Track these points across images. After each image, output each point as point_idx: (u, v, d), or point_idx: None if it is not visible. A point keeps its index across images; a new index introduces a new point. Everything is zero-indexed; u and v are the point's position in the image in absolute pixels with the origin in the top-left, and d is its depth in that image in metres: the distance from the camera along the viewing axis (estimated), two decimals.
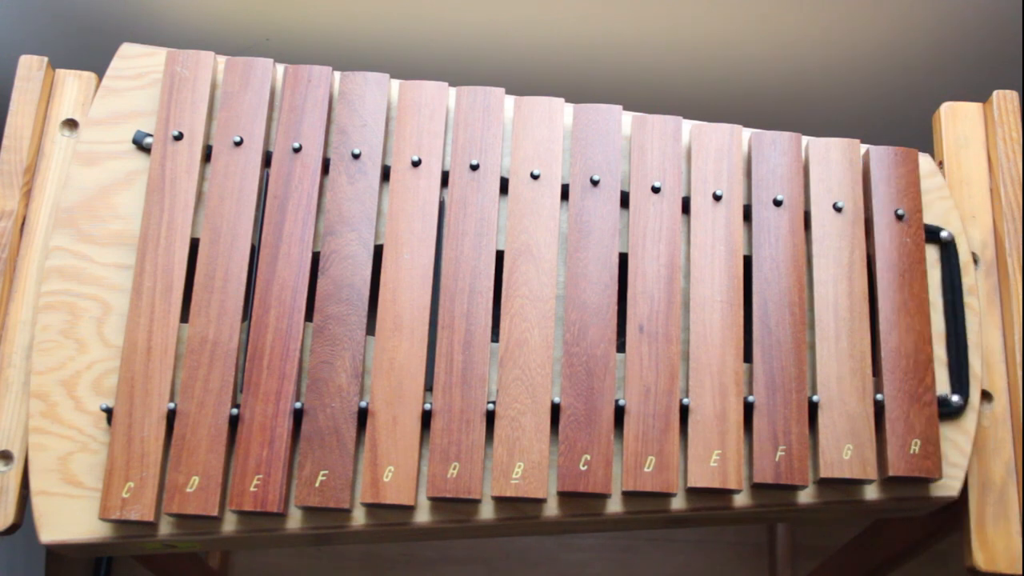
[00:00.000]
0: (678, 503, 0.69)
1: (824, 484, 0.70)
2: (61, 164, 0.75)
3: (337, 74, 0.76)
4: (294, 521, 0.67)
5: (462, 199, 0.73)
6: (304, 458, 0.66)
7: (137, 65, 0.76)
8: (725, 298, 0.71)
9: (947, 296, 0.75)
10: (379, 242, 0.72)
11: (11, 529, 0.67)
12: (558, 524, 0.69)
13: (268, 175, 0.73)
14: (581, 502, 0.68)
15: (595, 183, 0.73)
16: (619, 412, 0.69)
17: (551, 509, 0.68)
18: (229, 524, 0.67)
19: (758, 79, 1.07)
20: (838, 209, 0.74)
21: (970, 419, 0.71)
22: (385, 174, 0.74)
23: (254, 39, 1.02)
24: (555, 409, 0.68)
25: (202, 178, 0.73)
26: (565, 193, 0.74)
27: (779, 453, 0.68)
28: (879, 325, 0.72)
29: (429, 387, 0.69)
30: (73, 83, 0.77)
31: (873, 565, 0.92)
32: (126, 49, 0.76)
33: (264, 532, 0.67)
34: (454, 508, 0.68)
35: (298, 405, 0.67)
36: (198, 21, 1.00)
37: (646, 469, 0.67)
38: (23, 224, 0.73)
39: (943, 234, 0.76)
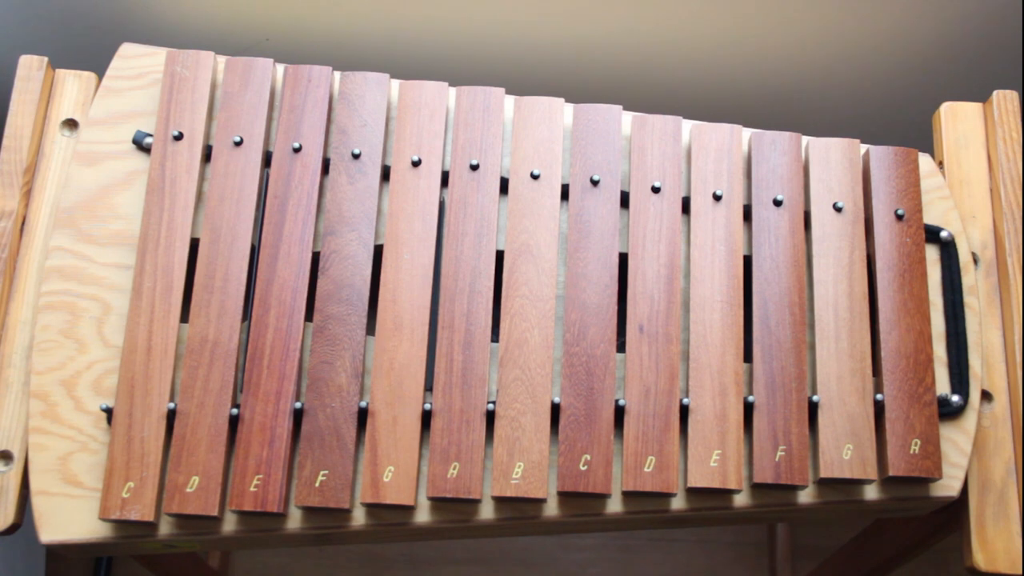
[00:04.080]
0: (678, 503, 0.69)
1: (824, 484, 0.70)
2: (61, 164, 0.75)
3: (337, 74, 0.76)
4: (294, 521, 0.67)
5: (462, 199, 0.73)
6: (304, 458, 0.66)
7: (137, 65, 0.76)
8: (725, 298, 0.71)
9: (947, 296, 0.75)
10: (379, 242, 0.72)
11: (11, 529, 0.67)
12: (558, 524, 0.69)
13: (268, 175, 0.73)
14: (581, 502, 0.68)
15: (595, 183, 0.73)
16: (619, 412, 0.69)
17: (551, 509, 0.68)
18: (229, 524, 0.67)
19: (758, 79, 1.07)
20: (838, 209, 0.74)
21: (970, 419, 0.71)
22: (385, 174, 0.74)
23: (254, 39, 1.02)
24: (555, 409, 0.68)
25: (202, 178, 0.73)
26: (565, 193, 0.74)
27: (779, 453, 0.68)
28: (879, 325, 0.72)
29: (429, 387, 0.69)
30: (73, 83, 0.77)
31: (873, 565, 0.92)
32: (126, 49, 0.76)
33: (264, 532, 0.67)
34: (454, 508, 0.68)
35: (298, 405, 0.67)
36: (198, 21, 1.00)
37: (646, 469, 0.67)
38: (23, 224, 0.73)
39: (943, 234, 0.76)
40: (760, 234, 0.73)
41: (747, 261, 0.74)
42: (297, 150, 0.73)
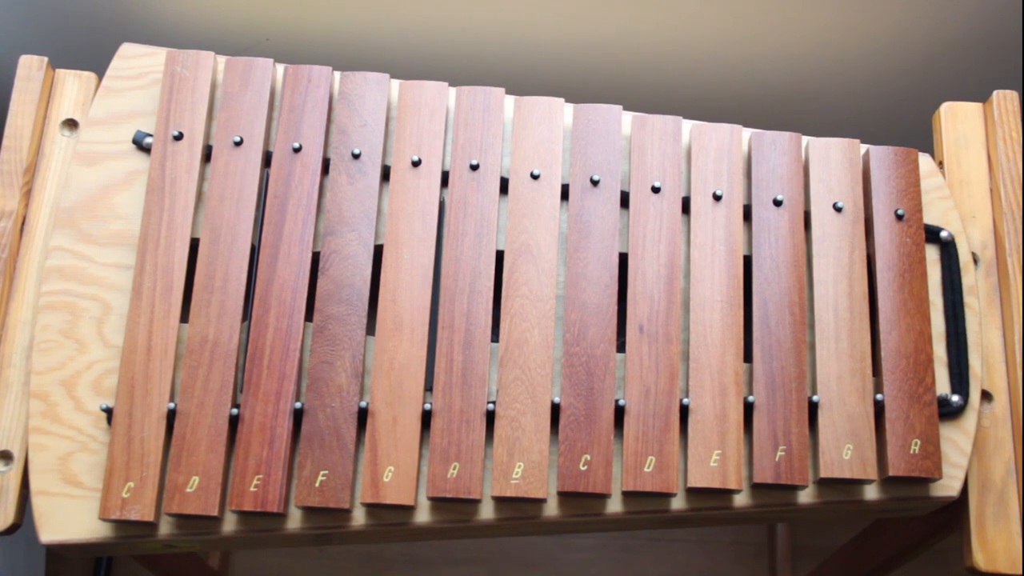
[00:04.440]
0: (678, 503, 0.69)
1: (824, 484, 0.70)
2: (61, 164, 0.75)
3: (337, 74, 0.76)
4: (294, 521, 0.67)
5: (462, 199, 0.73)
6: (304, 458, 0.66)
7: (137, 65, 0.76)
8: (725, 298, 0.71)
9: (947, 296, 0.75)
10: (379, 242, 0.72)
11: (11, 529, 0.67)
12: (558, 524, 0.69)
13: (268, 175, 0.73)
14: (581, 502, 0.68)
15: (595, 183, 0.73)
16: (619, 412, 0.69)
17: (551, 509, 0.68)
18: (229, 524, 0.67)
19: (758, 79, 1.07)
20: (838, 209, 0.74)
21: (970, 419, 0.71)
22: (385, 174, 0.74)
23: (254, 39, 1.02)
24: (555, 409, 0.68)
25: (202, 178, 0.73)
26: (565, 193, 0.74)
27: (779, 453, 0.68)
28: (879, 325, 0.72)
29: (429, 387, 0.69)
30: (73, 83, 0.77)
31: (873, 565, 0.92)
32: (126, 49, 0.76)
33: (264, 532, 0.67)
34: (454, 508, 0.68)
35: (298, 405, 0.67)
36: (198, 21, 1.00)
37: (646, 469, 0.67)
38: (23, 224, 0.73)
39: (943, 234, 0.76)
40: (760, 234, 0.73)
41: (747, 261, 0.74)
42: (297, 150, 0.73)
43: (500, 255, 0.72)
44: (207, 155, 0.74)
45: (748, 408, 0.69)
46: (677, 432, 0.68)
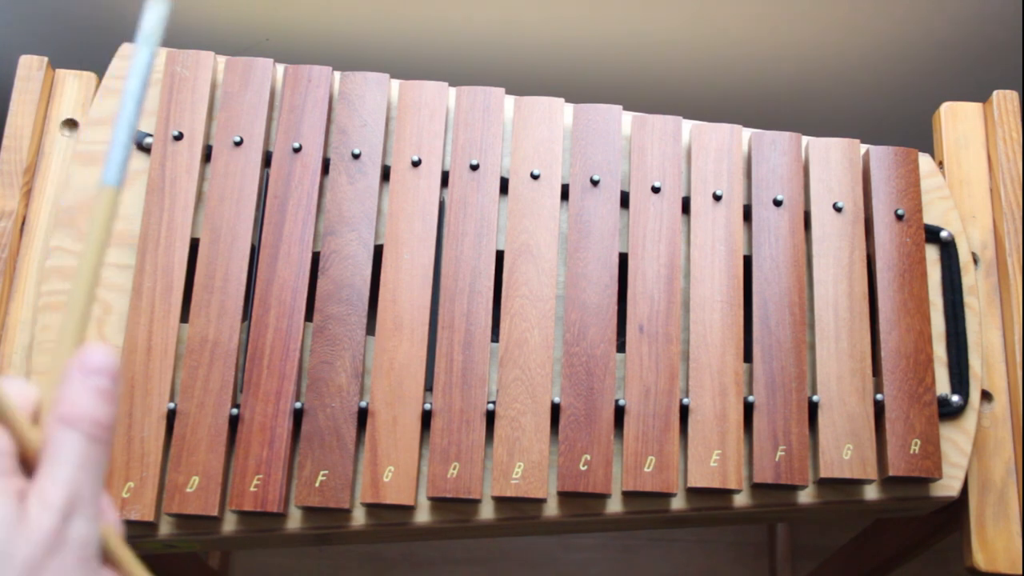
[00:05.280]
0: (678, 503, 0.69)
1: (824, 484, 0.70)
2: (61, 164, 0.75)
3: (337, 74, 0.76)
4: (294, 521, 0.67)
5: (462, 199, 0.73)
6: (304, 458, 0.66)
7: None
8: (725, 298, 0.71)
9: (947, 296, 0.75)
10: (379, 242, 0.72)
11: None
12: (558, 524, 0.69)
13: (268, 175, 0.73)
14: (581, 502, 0.68)
15: (595, 183, 0.73)
16: (619, 412, 0.69)
17: (551, 509, 0.68)
18: (229, 524, 0.67)
19: (758, 79, 1.07)
20: (838, 209, 0.74)
21: (970, 419, 0.71)
22: (385, 174, 0.74)
23: (254, 39, 1.02)
24: (555, 409, 0.68)
25: (202, 178, 0.73)
26: (565, 193, 0.74)
27: (779, 453, 0.68)
28: (879, 325, 0.72)
29: (429, 387, 0.69)
30: (73, 83, 0.77)
31: (873, 565, 0.92)
32: (126, 49, 0.76)
33: (264, 532, 0.67)
34: (454, 508, 0.68)
35: (298, 405, 0.67)
36: (198, 21, 1.00)
37: (646, 469, 0.67)
38: (23, 224, 0.73)
39: (943, 234, 0.76)
40: (760, 234, 0.73)
41: (747, 261, 0.74)
42: (297, 150, 0.73)
43: (500, 255, 0.72)
44: (207, 155, 0.74)
45: (748, 408, 0.69)
46: (677, 432, 0.68)
